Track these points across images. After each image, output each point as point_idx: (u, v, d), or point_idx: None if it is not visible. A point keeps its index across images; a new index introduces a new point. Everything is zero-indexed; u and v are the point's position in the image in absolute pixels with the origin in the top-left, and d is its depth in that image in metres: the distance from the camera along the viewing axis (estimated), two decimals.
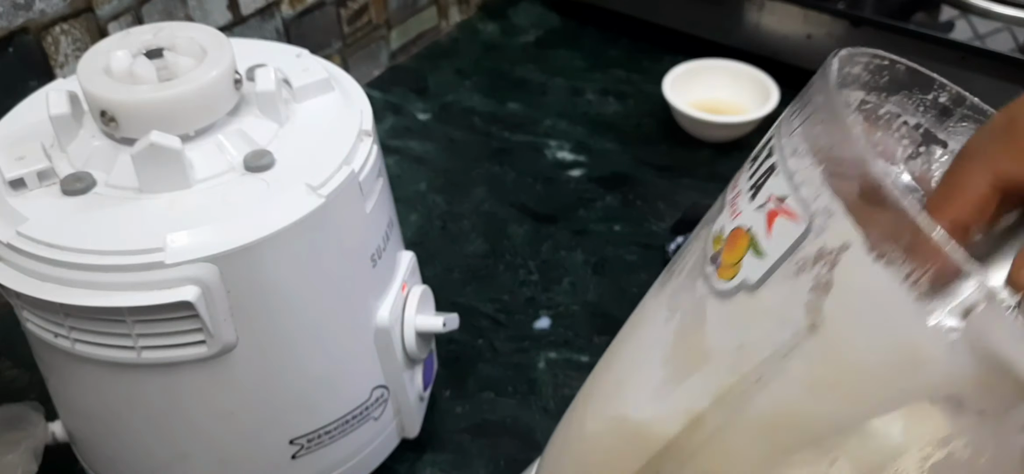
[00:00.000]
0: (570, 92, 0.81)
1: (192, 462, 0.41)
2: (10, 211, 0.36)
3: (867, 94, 0.29)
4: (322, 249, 0.37)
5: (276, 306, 0.37)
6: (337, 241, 0.38)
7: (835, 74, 0.25)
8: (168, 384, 0.37)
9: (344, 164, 0.38)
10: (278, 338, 0.38)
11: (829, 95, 0.24)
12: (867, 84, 0.29)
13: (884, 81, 0.29)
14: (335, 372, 0.41)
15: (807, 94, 0.25)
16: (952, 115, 0.29)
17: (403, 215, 0.65)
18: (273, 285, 0.37)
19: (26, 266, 0.35)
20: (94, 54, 0.38)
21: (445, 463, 0.50)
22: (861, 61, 0.28)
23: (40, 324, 0.37)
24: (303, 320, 0.39)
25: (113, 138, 0.38)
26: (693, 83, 0.75)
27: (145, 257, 0.34)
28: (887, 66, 0.28)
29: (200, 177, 0.37)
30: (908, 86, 0.29)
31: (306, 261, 0.37)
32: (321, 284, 0.38)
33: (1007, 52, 0.65)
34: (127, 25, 0.60)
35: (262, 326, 0.37)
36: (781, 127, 0.26)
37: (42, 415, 0.45)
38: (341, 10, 0.77)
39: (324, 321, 0.40)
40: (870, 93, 0.29)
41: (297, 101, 0.42)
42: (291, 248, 0.36)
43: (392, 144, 0.74)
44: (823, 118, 0.24)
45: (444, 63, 0.86)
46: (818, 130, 0.24)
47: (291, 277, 0.37)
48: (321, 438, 0.42)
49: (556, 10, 0.93)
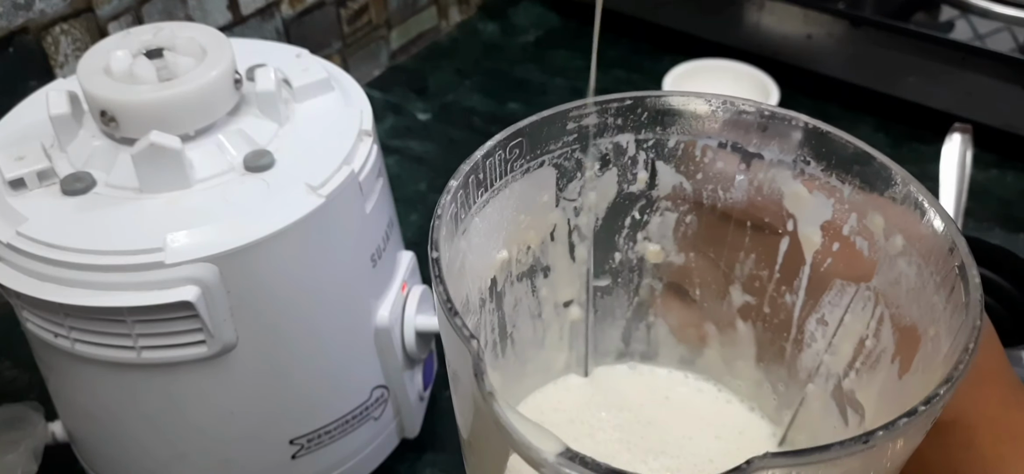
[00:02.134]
0: (570, 92, 0.80)
1: (192, 462, 0.41)
2: (10, 211, 0.36)
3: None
4: (322, 249, 0.37)
5: (276, 306, 0.37)
6: (337, 241, 0.38)
7: None
8: (168, 384, 0.37)
9: (344, 164, 0.38)
10: (278, 338, 0.38)
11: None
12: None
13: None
14: (335, 372, 0.41)
15: None
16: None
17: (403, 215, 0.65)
18: (273, 285, 0.37)
19: (26, 266, 0.35)
20: (94, 54, 0.38)
21: (445, 463, 0.50)
22: None
23: (40, 324, 0.37)
24: (303, 320, 0.39)
25: (113, 138, 0.38)
26: (693, 83, 0.75)
27: (145, 257, 0.34)
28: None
29: (200, 177, 0.37)
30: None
31: (306, 261, 0.37)
32: (321, 284, 0.38)
33: (1007, 52, 0.65)
34: (127, 25, 0.60)
35: (262, 326, 0.37)
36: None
37: (42, 415, 0.45)
38: (341, 10, 0.77)
39: (324, 321, 0.40)
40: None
41: (297, 101, 0.42)
42: (291, 248, 0.36)
43: (392, 144, 0.74)
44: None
45: (444, 63, 0.86)
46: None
47: (291, 277, 0.37)
48: (321, 438, 0.42)
49: (556, 10, 0.93)
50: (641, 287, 0.35)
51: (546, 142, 0.30)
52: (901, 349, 0.27)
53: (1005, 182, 0.67)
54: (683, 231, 0.33)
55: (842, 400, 0.30)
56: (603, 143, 0.31)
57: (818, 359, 0.31)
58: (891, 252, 0.27)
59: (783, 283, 0.32)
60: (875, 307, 0.28)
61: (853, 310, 0.29)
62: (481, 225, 0.29)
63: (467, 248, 0.28)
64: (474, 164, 0.28)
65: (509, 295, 0.33)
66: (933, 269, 0.25)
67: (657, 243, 0.34)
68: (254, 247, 0.35)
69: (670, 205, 0.33)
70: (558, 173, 0.31)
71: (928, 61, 0.68)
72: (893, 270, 0.27)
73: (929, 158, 0.60)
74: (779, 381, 0.33)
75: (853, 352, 0.29)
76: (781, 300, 0.32)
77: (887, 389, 0.27)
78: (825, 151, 0.29)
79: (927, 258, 0.26)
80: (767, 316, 0.33)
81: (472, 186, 0.28)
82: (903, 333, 0.27)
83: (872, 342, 0.28)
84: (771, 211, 0.30)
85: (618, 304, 0.35)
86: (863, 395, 0.29)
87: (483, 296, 0.31)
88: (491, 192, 0.29)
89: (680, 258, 0.34)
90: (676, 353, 0.36)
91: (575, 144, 0.31)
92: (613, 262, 0.34)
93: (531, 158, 0.30)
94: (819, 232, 0.30)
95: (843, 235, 0.29)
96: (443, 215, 0.26)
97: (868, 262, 0.28)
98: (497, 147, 0.28)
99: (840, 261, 0.29)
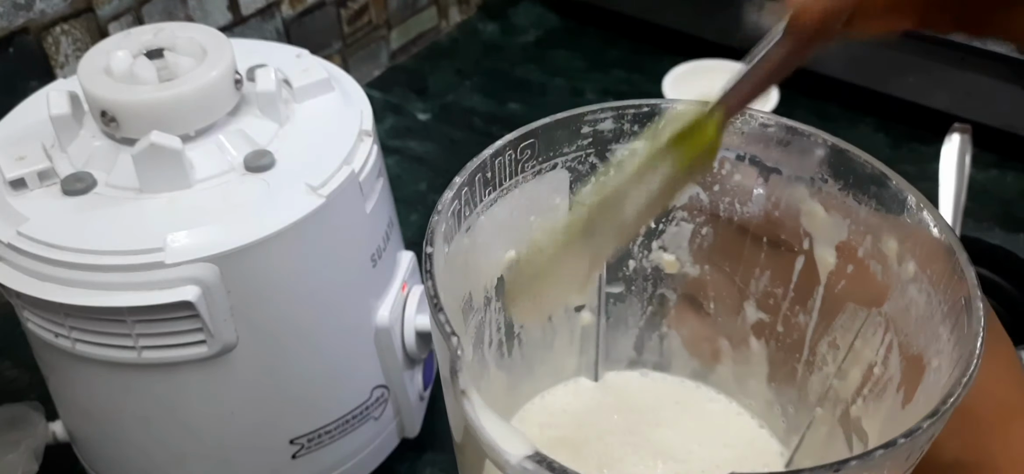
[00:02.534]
0: (570, 92, 0.81)
1: (192, 461, 0.41)
2: (11, 211, 0.36)
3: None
4: (322, 249, 0.37)
5: (276, 306, 0.37)
6: (337, 241, 0.38)
7: None
8: (168, 384, 0.37)
9: (344, 164, 0.38)
10: (278, 338, 0.38)
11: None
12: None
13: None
14: (335, 372, 0.41)
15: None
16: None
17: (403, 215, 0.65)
18: (273, 285, 0.37)
19: (27, 266, 0.35)
20: (94, 54, 0.38)
21: (445, 463, 0.50)
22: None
23: (40, 324, 0.37)
24: (303, 320, 0.39)
25: (113, 138, 0.38)
26: (693, 83, 0.75)
27: (145, 257, 0.34)
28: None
29: (200, 177, 0.37)
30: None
31: (306, 261, 0.37)
32: (321, 284, 0.38)
33: (1007, 52, 0.65)
34: (127, 25, 0.60)
35: (262, 326, 0.37)
36: None
37: (42, 415, 0.45)
38: (341, 10, 0.77)
39: (324, 321, 0.40)
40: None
41: (297, 101, 0.42)
42: (291, 248, 0.36)
43: (392, 144, 0.74)
44: None
45: (444, 63, 0.86)
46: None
47: (291, 277, 0.37)
48: (321, 438, 0.42)
49: (556, 10, 0.93)
50: (655, 297, 0.35)
51: (560, 145, 0.30)
52: (907, 378, 0.26)
53: (1005, 182, 0.67)
54: (699, 243, 0.33)
55: (849, 427, 0.29)
56: (619, 149, 0.30)
57: (827, 383, 0.31)
58: (903, 278, 0.27)
59: (797, 302, 0.31)
60: (885, 334, 0.28)
61: (863, 335, 0.29)
62: (487, 224, 0.29)
63: (471, 246, 0.28)
64: (482, 162, 0.28)
65: None
66: (941, 298, 0.25)
67: (672, 253, 0.33)
68: (254, 247, 0.35)
69: (686, 215, 0.32)
70: (572, 176, 0.31)
71: (928, 61, 0.68)
72: (904, 297, 0.27)
73: (928, 158, 0.60)
74: (789, 403, 0.33)
75: (862, 378, 0.29)
76: (795, 319, 0.32)
77: (891, 420, 0.27)
78: (843, 170, 0.28)
79: (936, 285, 0.25)
80: (780, 335, 0.32)
81: (479, 184, 0.28)
82: (910, 362, 0.26)
83: (880, 369, 0.28)
84: (788, 228, 0.30)
85: (631, 312, 0.35)
86: (868, 423, 0.28)
87: (489, 295, 0.31)
88: (499, 191, 0.29)
89: (695, 270, 0.33)
90: (689, 366, 0.36)
91: (590, 148, 0.30)
92: (627, 269, 0.34)
93: (543, 160, 0.30)
94: (834, 253, 0.29)
95: (858, 257, 0.28)
96: (444, 211, 0.26)
97: (881, 286, 0.28)
98: (507, 147, 0.28)
99: (853, 284, 0.29)
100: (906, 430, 0.20)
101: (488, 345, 0.32)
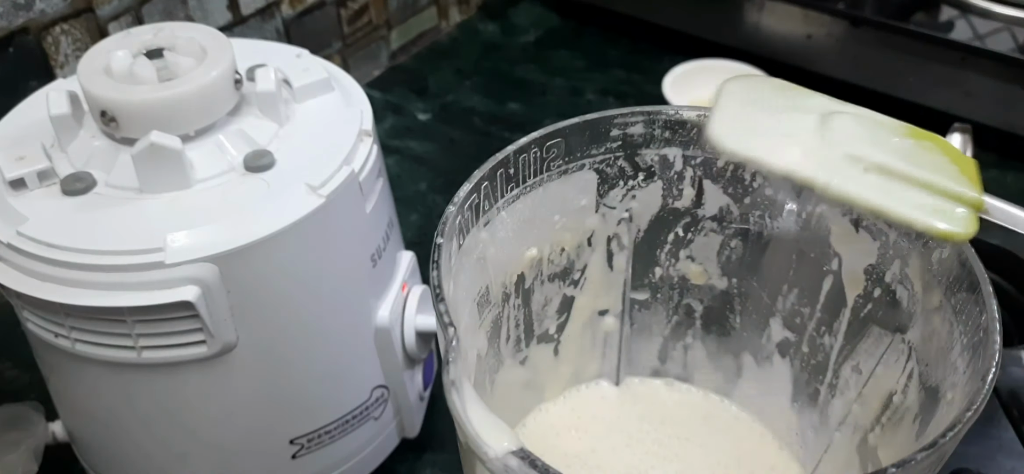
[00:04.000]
0: (570, 92, 0.81)
1: (192, 461, 0.41)
2: (10, 211, 0.36)
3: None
4: (322, 249, 0.37)
5: (276, 306, 0.37)
6: (337, 241, 0.38)
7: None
8: (168, 384, 0.37)
9: (344, 164, 0.38)
10: (278, 338, 0.38)
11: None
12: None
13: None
14: (335, 372, 0.41)
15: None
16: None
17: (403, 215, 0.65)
18: (273, 285, 0.37)
19: (26, 266, 0.35)
20: (94, 54, 0.38)
21: (445, 463, 0.50)
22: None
23: (40, 324, 0.37)
24: (303, 320, 0.39)
25: (113, 138, 0.38)
26: (693, 83, 0.75)
27: (145, 257, 0.34)
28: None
29: (200, 177, 0.37)
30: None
31: (306, 261, 0.37)
32: (321, 284, 0.38)
33: (1007, 52, 0.65)
34: (127, 25, 0.60)
35: (262, 326, 0.37)
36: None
37: (42, 415, 0.45)
38: (341, 10, 0.77)
39: (324, 321, 0.40)
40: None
41: (297, 101, 0.42)
42: (291, 248, 0.36)
43: (392, 144, 0.74)
44: None
45: (444, 63, 0.86)
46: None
47: (291, 277, 0.37)
48: (321, 438, 0.42)
49: (556, 10, 0.93)
50: (681, 306, 0.34)
51: (588, 146, 0.29)
52: (923, 410, 0.26)
53: (1005, 182, 0.67)
54: (727, 255, 0.32)
55: (866, 456, 0.29)
56: (648, 154, 0.30)
57: (848, 408, 0.30)
58: (928, 306, 0.26)
59: (823, 323, 0.31)
60: (907, 362, 0.27)
61: (886, 361, 0.28)
62: (508, 219, 0.29)
63: (490, 240, 0.28)
64: (505, 158, 0.27)
65: (538, 293, 0.32)
66: (962, 329, 0.25)
67: (700, 263, 0.33)
68: (254, 247, 0.35)
69: (716, 226, 0.32)
70: (599, 179, 0.30)
71: (928, 61, 0.68)
72: (928, 325, 0.26)
73: None
74: (809, 427, 0.33)
75: (881, 406, 0.29)
76: (820, 340, 0.31)
77: (905, 452, 0.27)
78: None
79: (958, 314, 0.25)
80: (805, 356, 0.32)
81: (501, 179, 0.27)
82: (927, 393, 0.26)
83: (900, 398, 0.28)
84: (817, 246, 0.30)
85: (656, 320, 0.35)
86: (884, 454, 0.28)
87: (508, 290, 0.30)
88: (523, 188, 0.28)
89: (722, 282, 0.33)
90: (712, 380, 0.35)
91: (619, 151, 0.30)
92: (653, 277, 0.34)
93: (570, 160, 0.29)
94: (862, 275, 0.29)
95: (885, 281, 0.28)
96: (460, 204, 0.26)
97: (905, 313, 0.27)
98: (533, 144, 0.28)
99: (879, 308, 0.29)
100: (897, 460, 0.20)
101: (505, 340, 0.32)
